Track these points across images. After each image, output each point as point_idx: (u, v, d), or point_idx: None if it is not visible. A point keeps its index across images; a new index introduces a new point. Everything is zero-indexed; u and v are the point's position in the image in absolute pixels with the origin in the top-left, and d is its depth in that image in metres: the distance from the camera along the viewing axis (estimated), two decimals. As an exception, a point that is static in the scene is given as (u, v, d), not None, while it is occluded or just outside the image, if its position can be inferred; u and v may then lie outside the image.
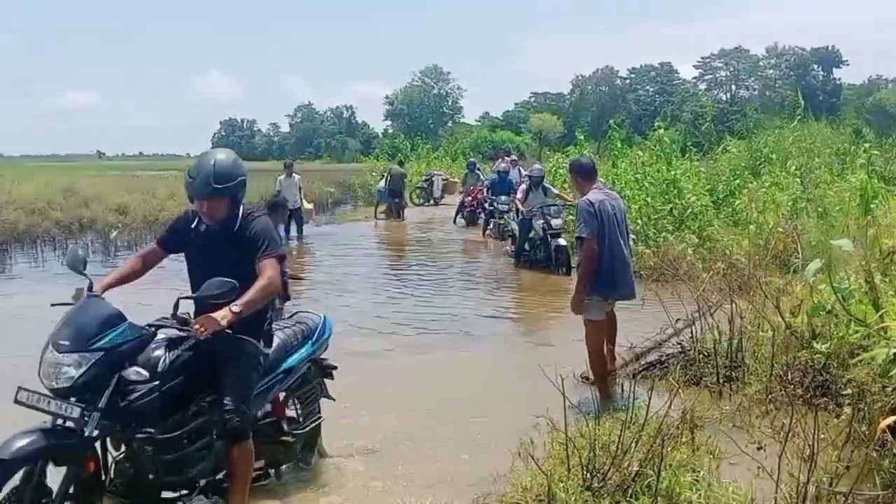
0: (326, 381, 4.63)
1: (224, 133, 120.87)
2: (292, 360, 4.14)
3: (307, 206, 16.70)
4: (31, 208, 17.40)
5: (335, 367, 4.66)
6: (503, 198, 15.12)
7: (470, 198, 19.07)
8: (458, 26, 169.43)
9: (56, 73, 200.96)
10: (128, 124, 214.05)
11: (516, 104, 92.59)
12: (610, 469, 3.66)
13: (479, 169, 22.19)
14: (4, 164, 50.25)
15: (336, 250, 14.77)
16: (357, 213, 23.27)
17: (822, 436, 3.67)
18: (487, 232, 16.34)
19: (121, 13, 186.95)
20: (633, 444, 3.72)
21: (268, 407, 4.03)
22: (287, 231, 15.27)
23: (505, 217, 14.88)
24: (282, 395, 4.18)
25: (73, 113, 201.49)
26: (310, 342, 4.33)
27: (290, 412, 4.30)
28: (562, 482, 3.70)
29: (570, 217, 11.40)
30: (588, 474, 3.68)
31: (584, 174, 5.56)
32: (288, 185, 15.73)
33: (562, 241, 10.98)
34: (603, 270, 5.24)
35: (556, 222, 11.15)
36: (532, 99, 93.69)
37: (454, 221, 19.36)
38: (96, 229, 16.84)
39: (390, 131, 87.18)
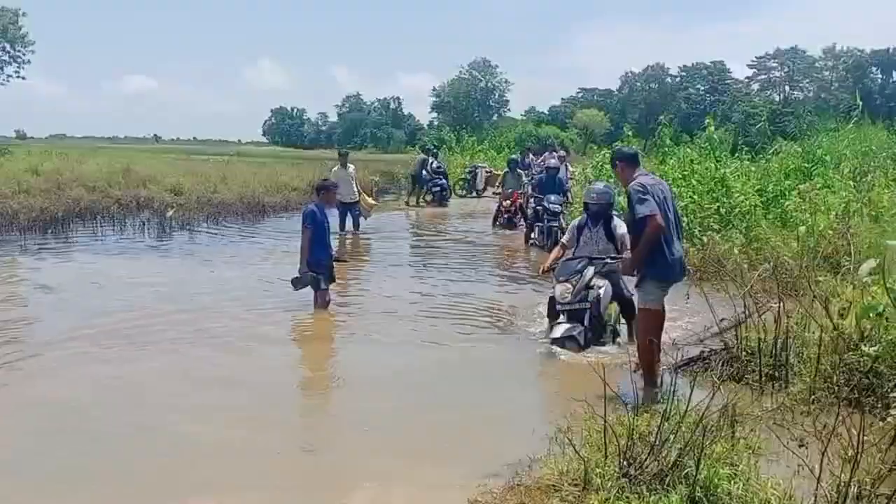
0: None
1: (274, 121, 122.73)
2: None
3: (370, 200, 15.54)
4: (93, 186, 18.07)
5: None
6: (553, 197, 13.13)
7: (508, 202, 16.16)
8: (507, 21, 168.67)
9: (117, 59, 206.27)
10: (183, 110, 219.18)
11: (563, 99, 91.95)
12: (648, 458, 3.68)
13: (521, 169, 21.73)
14: (69, 145, 52.17)
15: (382, 242, 14.69)
16: (400, 201, 23.49)
17: (866, 437, 3.63)
18: (531, 240, 13.72)
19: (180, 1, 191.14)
20: (673, 435, 3.73)
21: None
22: (342, 225, 14.57)
23: (560, 219, 13.03)
24: None
25: (131, 98, 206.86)
26: None
27: None
28: (598, 468, 3.74)
29: None
30: (625, 462, 3.70)
31: (628, 160, 5.51)
32: (342, 176, 14.40)
33: None
34: (659, 254, 5.18)
35: None
36: (580, 95, 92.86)
37: (493, 226, 16.72)
38: (153, 208, 17.28)
39: (436, 123, 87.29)
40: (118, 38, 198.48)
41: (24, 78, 49.42)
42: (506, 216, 16.21)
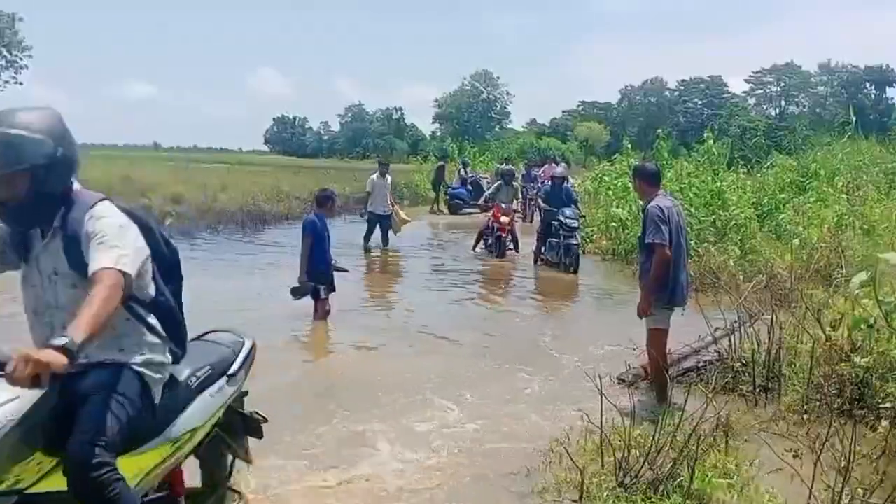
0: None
1: (276, 129, 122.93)
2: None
3: (402, 215, 14.37)
4: (90, 194, 17.97)
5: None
6: (568, 210, 11.77)
7: (506, 219, 13.17)
8: (509, 33, 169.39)
9: (116, 65, 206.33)
10: (183, 117, 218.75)
11: (564, 112, 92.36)
12: (643, 467, 3.74)
13: (529, 182, 21.17)
14: (66, 151, 51.98)
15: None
16: (404, 211, 23.47)
17: (858, 447, 3.70)
18: (542, 257, 12.32)
19: (180, 8, 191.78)
20: (667, 444, 3.79)
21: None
22: (384, 237, 13.77)
23: (577, 235, 11.71)
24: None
25: (131, 104, 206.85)
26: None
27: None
28: (595, 478, 3.80)
29: None
30: (621, 471, 3.76)
31: (649, 179, 5.55)
32: (380, 186, 13.63)
33: None
34: (669, 279, 5.26)
35: None
36: (580, 107, 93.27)
37: (473, 249, 13.84)
38: (152, 216, 17.16)
39: (438, 134, 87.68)
40: (118, 43, 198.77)
41: (21, 84, 49.61)
42: (500, 235, 13.12)
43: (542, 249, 12.28)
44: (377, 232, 13.88)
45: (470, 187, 23.14)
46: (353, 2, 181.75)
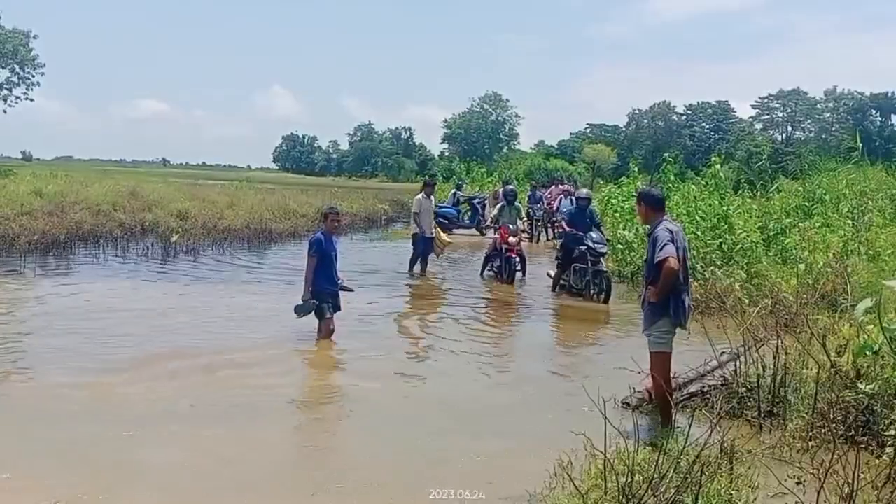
0: None
1: (285, 148, 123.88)
2: None
3: (444, 237, 14.06)
4: (97, 209, 18.10)
5: None
6: (595, 234, 11.19)
7: (515, 239, 12.78)
8: (519, 56, 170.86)
9: (127, 82, 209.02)
10: (192, 134, 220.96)
11: (572, 134, 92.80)
12: (646, 493, 3.71)
13: (533, 203, 21.25)
14: (75, 167, 52.41)
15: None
16: (409, 230, 23.54)
17: (862, 475, 3.67)
18: (563, 284, 11.77)
19: (192, 27, 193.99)
20: (671, 470, 3.77)
21: None
22: (423, 265, 13.42)
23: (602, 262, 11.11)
24: None
25: (141, 121, 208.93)
26: None
27: None
28: (598, 504, 3.78)
29: None
30: (624, 497, 3.73)
31: (654, 205, 5.62)
32: (426, 207, 13.29)
33: None
34: (676, 299, 5.31)
35: None
36: (588, 130, 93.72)
37: (481, 275, 13.45)
38: (157, 232, 17.30)
39: (446, 154, 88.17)
40: (129, 61, 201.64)
41: (31, 100, 50.04)
42: (509, 256, 12.57)
43: (565, 275, 11.69)
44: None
45: (462, 208, 23.30)
46: (364, 23, 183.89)
